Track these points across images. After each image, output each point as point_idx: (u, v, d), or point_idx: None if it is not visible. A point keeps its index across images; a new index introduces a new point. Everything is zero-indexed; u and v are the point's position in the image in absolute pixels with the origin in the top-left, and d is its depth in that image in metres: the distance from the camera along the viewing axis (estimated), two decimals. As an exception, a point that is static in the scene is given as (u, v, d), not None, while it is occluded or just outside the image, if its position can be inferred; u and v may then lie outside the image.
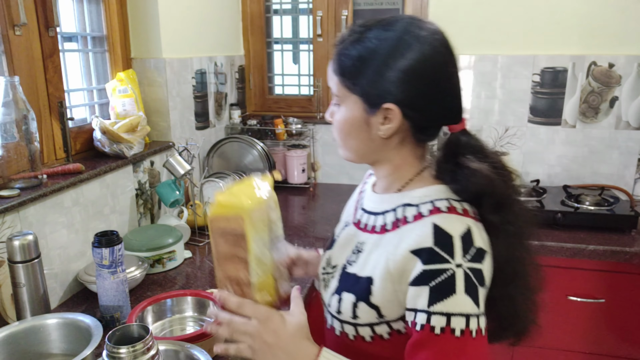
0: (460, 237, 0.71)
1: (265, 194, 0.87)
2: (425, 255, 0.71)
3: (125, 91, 1.73)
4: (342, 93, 0.81)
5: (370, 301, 0.77)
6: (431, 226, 0.72)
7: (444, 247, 0.71)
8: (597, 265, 1.71)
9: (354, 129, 0.81)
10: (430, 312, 0.69)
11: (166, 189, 1.77)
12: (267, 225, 0.87)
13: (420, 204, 0.78)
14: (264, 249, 0.85)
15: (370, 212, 0.87)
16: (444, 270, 0.70)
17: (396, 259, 0.74)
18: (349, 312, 0.80)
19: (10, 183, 1.28)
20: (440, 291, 0.69)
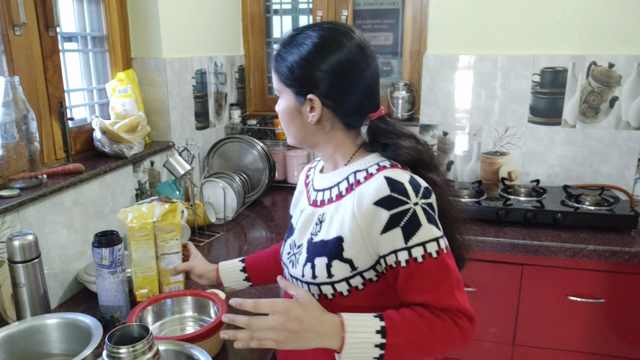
0: (408, 182, 0.86)
1: (158, 218, 1.25)
2: (387, 202, 0.84)
3: (125, 91, 1.73)
4: (279, 87, 0.97)
5: (343, 257, 0.89)
6: (384, 179, 0.87)
7: (399, 191, 0.85)
8: (597, 266, 1.71)
9: (290, 117, 0.96)
10: (408, 247, 0.84)
11: (166, 189, 1.77)
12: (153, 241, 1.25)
13: (367, 167, 0.93)
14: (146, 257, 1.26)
15: (323, 189, 0.99)
16: (405, 210, 0.84)
17: (363, 213, 0.86)
18: (324, 274, 0.90)
19: (10, 183, 1.28)
20: (410, 228, 0.84)
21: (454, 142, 2.28)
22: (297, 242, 1.01)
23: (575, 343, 1.80)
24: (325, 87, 0.90)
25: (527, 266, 1.77)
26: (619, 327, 1.76)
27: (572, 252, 1.69)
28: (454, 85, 2.22)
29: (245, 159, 2.23)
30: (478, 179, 2.26)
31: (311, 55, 0.90)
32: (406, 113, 2.39)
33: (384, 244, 0.85)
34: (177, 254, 1.31)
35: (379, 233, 0.85)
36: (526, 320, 1.81)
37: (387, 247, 0.85)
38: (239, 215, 2.05)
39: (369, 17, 2.46)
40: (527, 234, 1.77)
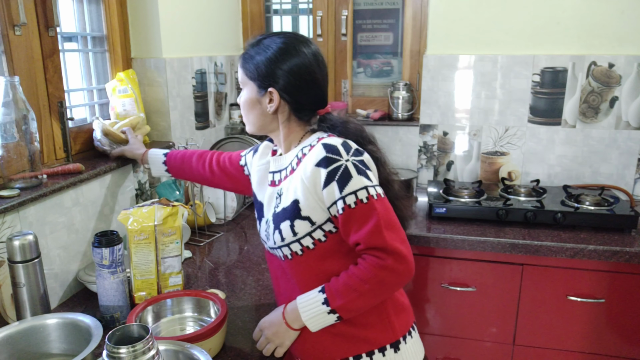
0: (341, 144, 1.02)
1: (159, 221, 1.28)
2: (324, 162, 1.00)
3: (125, 91, 1.73)
4: (244, 80, 1.12)
5: (301, 215, 1.04)
6: (321, 145, 1.03)
7: (333, 152, 1.01)
8: (597, 266, 1.71)
9: (251, 107, 1.12)
10: (343, 196, 0.99)
11: (166, 189, 1.77)
12: (153, 244, 1.28)
13: (311, 142, 1.08)
14: (146, 260, 1.28)
15: (279, 170, 1.15)
16: (339, 166, 0.99)
17: (307, 175, 1.02)
18: (289, 234, 1.05)
19: (10, 183, 1.28)
20: (342, 180, 0.99)
21: (454, 142, 2.28)
22: (267, 219, 1.14)
23: (575, 343, 1.80)
24: (283, 83, 1.06)
25: (527, 266, 1.77)
26: (619, 327, 1.76)
27: (572, 252, 1.69)
28: (454, 85, 2.22)
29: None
30: (478, 179, 2.26)
31: (274, 56, 1.06)
32: (406, 113, 2.39)
33: (326, 197, 1.01)
34: (177, 257, 1.31)
35: (321, 189, 1.01)
36: (526, 320, 1.81)
37: (329, 200, 1.00)
38: (239, 215, 2.05)
39: (369, 17, 2.46)
40: (527, 234, 1.77)
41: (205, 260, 1.65)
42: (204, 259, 1.65)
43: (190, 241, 1.77)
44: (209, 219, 1.87)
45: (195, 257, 1.66)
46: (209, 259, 1.65)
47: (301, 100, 1.09)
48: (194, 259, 1.64)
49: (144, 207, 1.31)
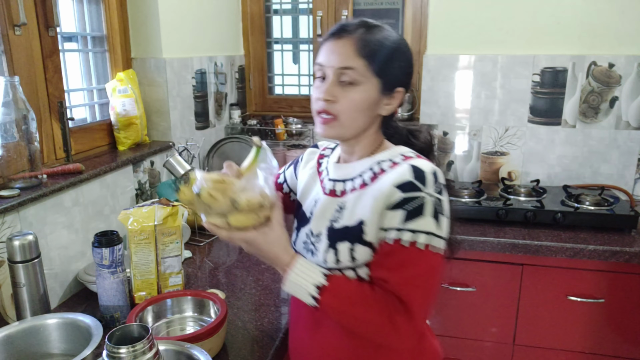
0: (431, 173, 0.89)
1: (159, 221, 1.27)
2: (405, 186, 0.88)
3: (125, 91, 1.73)
4: (363, 74, 0.91)
5: (363, 240, 0.91)
6: (409, 166, 0.90)
7: (419, 179, 0.88)
8: (597, 265, 1.71)
9: (366, 108, 0.93)
10: (402, 228, 0.87)
11: (166, 189, 1.77)
12: (153, 244, 1.27)
13: (393, 157, 0.96)
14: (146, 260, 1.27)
15: (344, 180, 1.00)
16: (417, 197, 0.87)
17: (382, 194, 0.90)
18: (347, 257, 0.93)
19: (10, 183, 1.28)
20: (412, 213, 0.87)
21: (454, 142, 2.28)
22: (314, 231, 1.01)
23: (575, 343, 1.80)
24: (407, 82, 0.97)
25: (527, 266, 1.76)
26: (619, 327, 1.76)
27: (572, 252, 1.69)
28: (454, 85, 2.22)
29: (246, 159, 2.22)
30: (478, 179, 2.26)
31: (401, 51, 0.94)
32: (406, 113, 2.39)
33: (386, 218, 0.89)
34: (177, 257, 1.31)
35: (386, 208, 0.89)
36: (526, 320, 1.81)
37: (386, 222, 0.89)
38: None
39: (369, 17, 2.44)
40: (527, 234, 1.77)
41: (205, 260, 1.65)
42: (204, 259, 1.65)
43: (190, 241, 1.77)
44: (209, 219, 1.87)
45: (195, 257, 1.66)
46: (209, 259, 1.65)
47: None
48: (194, 259, 1.64)
49: (144, 207, 1.31)
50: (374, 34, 0.92)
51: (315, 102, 0.95)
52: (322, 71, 0.95)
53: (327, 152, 1.12)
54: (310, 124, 2.47)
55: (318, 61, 0.95)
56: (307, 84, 2.62)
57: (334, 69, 0.92)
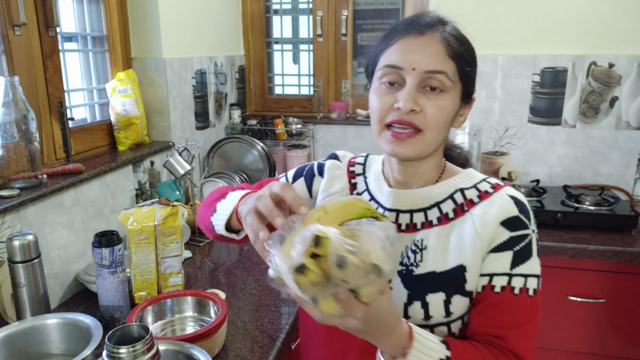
0: (527, 204, 0.80)
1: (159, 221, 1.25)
2: (513, 223, 0.76)
3: (125, 91, 1.73)
4: (453, 80, 0.76)
5: (465, 289, 0.77)
6: (509, 198, 0.78)
7: (525, 214, 0.77)
8: (597, 266, 1.71)
9: (451, 119, 0.79)
10: (512, 274, 0.75)
11: (166, 189, 1.77)
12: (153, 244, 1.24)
13: (475, 185, 0.82)
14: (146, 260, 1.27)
15: (410, 210, 0.82)
16: (525, 235, 0.76)
17: (487, 233, 0.76)
18: (441, 312, 0.77)
19: (10, 183, 1.28)
20: (522, 255, 0.75)
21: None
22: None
23: (576, 343, 1.80)
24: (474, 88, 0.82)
25: (528, 266, 1.76)
26: (620, 327, 1.76)
27: (573, 252, 1.69)
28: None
29: (246, 159, 2.23)
30: (478, 179, 2.25)
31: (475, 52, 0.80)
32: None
33: (487, 262, 0.76)
34: (177, 257, 1.31)
35: (487, 251, 0.76)
36: (526, 321, 1.81)
37: (487, 268, 0.76)
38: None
39: (369, 17, 2.46)
40: (528, 234, 1.77)
41: (205, 260, 1.64)
42: (204, 259, 1.65)
43: (190, 241, 1.77)
44: (209, 219, 1.87)
45: (195, 257, 1.66)
46: (209, 259, 1.65)
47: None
48: (194, 259, 1.64)
49: (144, 207, 1.31)
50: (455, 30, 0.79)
51: (388, 112, 0.76)
52: (396, 74, 0.76)
53: (357, 169, 0.92)
54: (310, 124, 2.47)
55: (390, 62, 0.76)
56: (307, 84, 2.62)
57: (419, 73, 0.74)
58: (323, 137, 2.49)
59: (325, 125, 2.47)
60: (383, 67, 0.77)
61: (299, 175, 0.96)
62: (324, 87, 2.52)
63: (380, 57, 0.78)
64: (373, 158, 0.94)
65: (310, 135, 2.48)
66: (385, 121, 0.77)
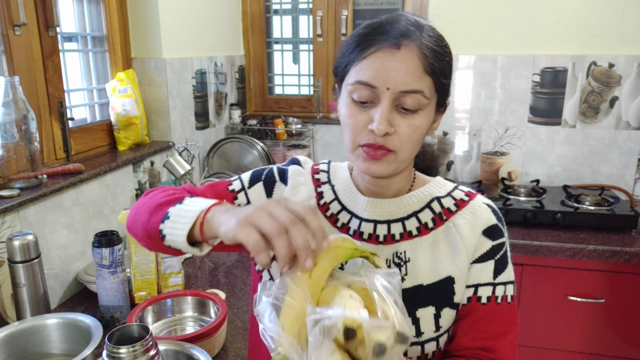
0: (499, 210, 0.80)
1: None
2: (493, 232, 0.76)
3: (125, 91, 1.73)
4: (429, 97, 0.70)
5: (453, 302, 0.75)
6: (486, 206, 0.78)
7: (501, 222, 0.78)
8: (597, 266, 1.71)
9: (423, 135, 0.73)
10: (495, 283, 0.75)
11: (166, 189, 1.77)
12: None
13: (449, 193, 0.80)
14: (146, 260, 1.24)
15: (387, 221, 0.78)
16: (503, 243, 0.77)
17: (471, 243, 0.76)
18: (431, 327, 0.74)
19: (10, 183, 1.28)
20: (501, 264, 0.76)
21: (454, 142, 2.28)
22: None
23: (575, 343, 1.80)
24: (448, 93, 0.75)
25: (527, 266, 1.76)
26: (619, 327, 1.76)
27: (572, 252, 1.69)
28: (454, 85, 2.21)
29: (246, 159, 2.23)
30: (478, 179, 2.26)
31: (451, 53, 0.73)
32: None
33: (473, 274, 0.75)
34: (177, 257, 1.31)
35: (472, 261, 0.75)
36: (526, 321, 1.81)
37: (472, 279, 0.75)
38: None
39: (369, 17, 2.46)
40: (527, 234, 1.77)
41: (205, 260, 1.64)
42: (204, 259, 1.65)
43: (190, 241, 1.77)
44: (209, 219, 1.87)
45: (195, 257, 1.66)
46: (209, 259, 1.65)
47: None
48: (194, 259, 1.64)
49: None
50: (432, 37, 0.70)
51: (360, 134, 0.70)
52: (369, 91, 0.69)
53: (322, 177, 0.84)
54: (310, 124, 2.47)
55: (363, 79, 0.69)
56: (307, 84, 2.62)
57: (394, 92, 0.68)
58: (323, 137, 2.49)
59: (325, 125, 2.47)
60: (355, 82, 0.70)
61: (256, 179, 0.85)
62: (323, 87, 2.52)
63: (352, 68, 0.71)
64: (336, 165, 0.87)
65: (310, 135, 2.48)
66: (358, 142, 0.71)
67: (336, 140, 2.47)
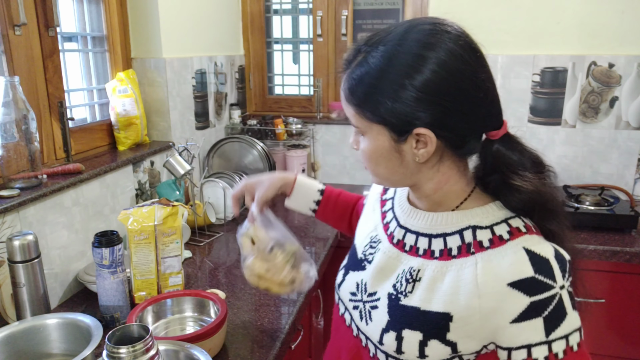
0: (554, 257, 0.67)
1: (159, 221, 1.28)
2: (529, 286, 0.66)
3: (125, 91, 1.73)
4: (362, 124, 0.73)
5: (446, 338, 0.70)
6: (524, 252, 0.67)
7: (545, 273, 0.66)
8: (597, 266, 1.71)
9: (383, 159, 0.73)
10: (550, 341, 0.66)
11: (166, 189, 1.77)
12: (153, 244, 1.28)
13: (492, 225, 0.71)
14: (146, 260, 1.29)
15: (417, 233, 0.77)
16: (552, 297, 0.66)
17: (489, 293, 0.67)
18: (414, 352, 0.72)
19: (10, 183, 1.28)
20: (554, 319, 0.66)
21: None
22: (369, 288, 0.81)
23: (576, 343, 1.80)
24: (433, 114, 0.67)
25: (527, 266, 1.76)
26: (620, 327, 1.76)
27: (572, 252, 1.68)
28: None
29: (246, 159, 2.23)
30: (478, 179, 2.25)
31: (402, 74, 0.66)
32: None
33: (513, 335, 0.67)
34: (177, 257, 1.31)
35: (508, 321, 0.66)
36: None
37: (517, 340, 0.67)
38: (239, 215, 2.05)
39: (369, 17, 2.46)
40: (527, 234, 1.77)
41: (205, 260, 1.65)
42: (204, 259, 1.65)
43: (190, 241, 1.77)
44: (209, 219, 1.87)
45: (195, 257, 1.66)
46: (209, 259, 1.65)
47: (467, 127, 0.70)
48: (194, 259, 1.64)
49: (144, 207, 1.31)
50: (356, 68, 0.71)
51: None
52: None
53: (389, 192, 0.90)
54: (310, 124, 2.47)
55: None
56: (307, 84, 2.62)
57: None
58: (323, 137, 2.49)
59: (325, 125, 2.47)
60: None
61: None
62: (323, 87, 2.52)
63: None
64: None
65: (310, 135, 2.48)
66: None
67: (336, 140, 2.47)
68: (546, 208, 0.71)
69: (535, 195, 0.70)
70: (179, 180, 1.78)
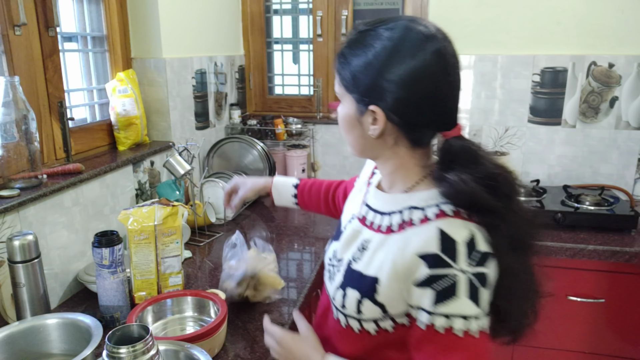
0: (464, 242, 0.74)
1: (159, 221, 1.29)
2: (431, 260, 0.74)
3: (125, 91, 1.73)
4: (340, 91, 0.86)
5: (375, 299, 0.81)
6: (437, 231, 0.75)
7: (448, 252, 0.73)
8: (597, 265, 1.71)
9: (349, 126, 0.86)
10: (432, 312, 0.74)
11: (166, 189, 1.77)
12: (153, 244, 1.28)
13: (426, 207, 0.80)
14: (146, 260, 1.28)
15: (375, 211, 0.89)
16: (447, 274, 0.73)
17: (404, 261, 0.77)
18: (353, 308, 0.84)
19: (10, 183, 1.28)
20: (443, 294, 0.73)
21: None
22: (338, 254, 0.94)
23: (575, 343, 1.80)
24: (391, 100, 0.77)
25: (527, 266, 1.76)
26: (619, 327, 1.76)
27: (572, 252, 1.69)
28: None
29: (245, 159, 2.23)
30: (478, 179, 2.25)
31: (378, 61, 0.77)
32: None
33: (415, 295, 0.76)
34: (177, 257, 1.31)
35: (412, 284, 0.76)
36: (526, 320, 1.81)
37: (415, 300, 0.76)
38: (239, 215, 2.05)
39: (369, 17, 2.45)
40: (527, 234, 1.77)
41: (205, 260, 1.65)
42: (204, 259, 1.65)
43: (190, 241, 1.77)
44: (209, 219, 1.87)
45: (195, 257, 1.66)
46: (209, 259, 1.65)
47: (416, 120, 0.80)
48: (194, 259, 1.64)
49: (144, 207, 1.31)
50: (348, 44, 0.83)
51: None
52: None
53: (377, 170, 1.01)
54: (310, 124, 2.47)
55: None
56: (307, 84, 2.62)
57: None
58: (323, 137, 2.49)
59: (325, 125, 2.47)
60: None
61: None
62: (323, 87, 2.52)
63: None
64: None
65: (310, 135, 2.49)
66: None
67: (336, 140, 2.47)
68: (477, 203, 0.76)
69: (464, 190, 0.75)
70: (179, 180, 1.78)
